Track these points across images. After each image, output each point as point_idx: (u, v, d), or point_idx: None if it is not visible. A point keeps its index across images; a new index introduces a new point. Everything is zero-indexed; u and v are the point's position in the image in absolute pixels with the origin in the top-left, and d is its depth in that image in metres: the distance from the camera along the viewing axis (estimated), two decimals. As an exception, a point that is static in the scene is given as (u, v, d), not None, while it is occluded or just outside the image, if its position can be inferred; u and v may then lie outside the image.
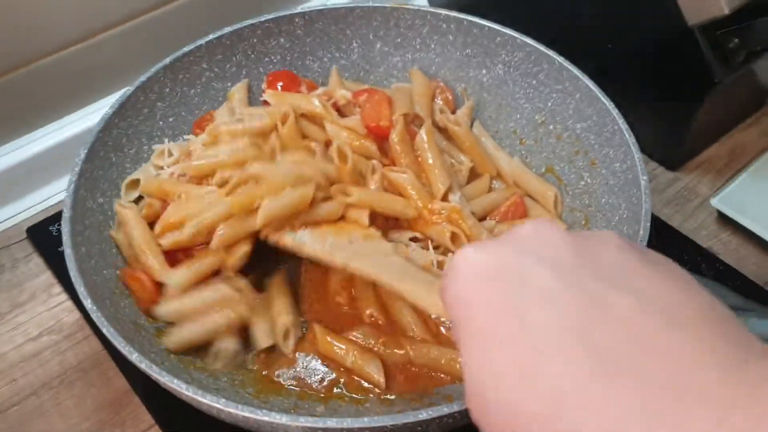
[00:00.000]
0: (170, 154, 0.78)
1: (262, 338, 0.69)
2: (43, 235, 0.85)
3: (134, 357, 0.58)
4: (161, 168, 0.77)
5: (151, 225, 0.73)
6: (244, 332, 0.70)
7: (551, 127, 0.84)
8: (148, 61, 0.87)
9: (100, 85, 0.92)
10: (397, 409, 0.66)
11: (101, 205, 0.74)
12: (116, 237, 0.73)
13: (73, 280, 0.63)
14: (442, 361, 0.69)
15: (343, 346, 0.69)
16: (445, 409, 0.54)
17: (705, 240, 0.86)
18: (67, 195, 0.69)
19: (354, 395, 0.69)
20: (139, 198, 0.77)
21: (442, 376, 0.69)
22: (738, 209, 0.86)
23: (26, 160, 0.87)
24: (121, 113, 0.77)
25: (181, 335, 0.68)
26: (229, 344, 0.69)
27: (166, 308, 0.68)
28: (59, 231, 0.83)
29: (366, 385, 0.69)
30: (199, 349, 0.69)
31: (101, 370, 0.75)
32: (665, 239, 0.85)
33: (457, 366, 0.67)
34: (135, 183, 0.77)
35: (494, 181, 0.85)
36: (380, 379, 0.67)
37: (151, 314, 0.69)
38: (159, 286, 0.70)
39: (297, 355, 0.70)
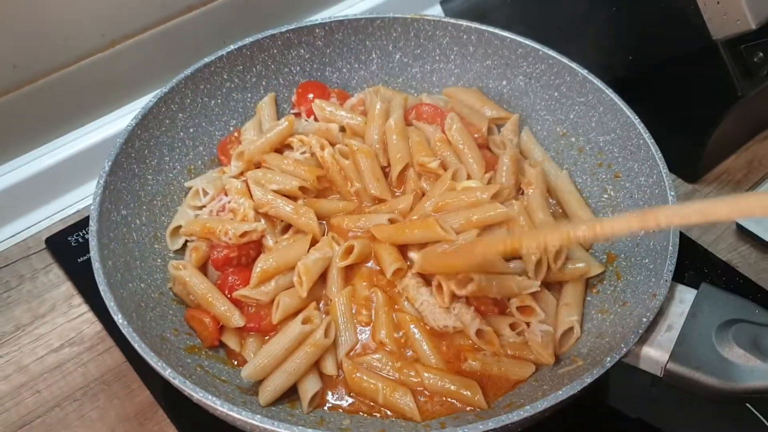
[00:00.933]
0: (205, 193, 0.78)
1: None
2: (62, 246, 0.85)
3: (167, 373, 0.58)
4: (198, 208, 0.78)
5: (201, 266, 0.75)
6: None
7: (573, 139, 0.84)
8: (166, 71, 0.88)
9: (118, 96, 0.91)
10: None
11: (125, 217, 0.73)
12: (175, 290, 0.74)
13: (102, 295, 0.63)
14: (454, 389, 0.68)
15: (374, 382, 0.68)
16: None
17: (724, 253, 0.87)
18: (92, 208, 0.69)
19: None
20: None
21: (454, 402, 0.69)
22: (757, 222, 0.86)
23: (44, 170, 0.87)
24: (144, 125, 0.77)
25: (274, 390, 0.67)
26: (313, 382, 0.68)
27: (250, 371, 0.67)
28: (78, 241, 0.84)
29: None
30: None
31: (124, 382, 0.75)
32: (685, 252, 0.85)
33: (469, 395, 0.67)
34: (176, 229, 0.77)
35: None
36: (415, 413, 0.67)
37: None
38: (221, 327, 0.71)
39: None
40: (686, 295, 0.66)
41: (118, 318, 0.61)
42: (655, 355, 0.63)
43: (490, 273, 0.70)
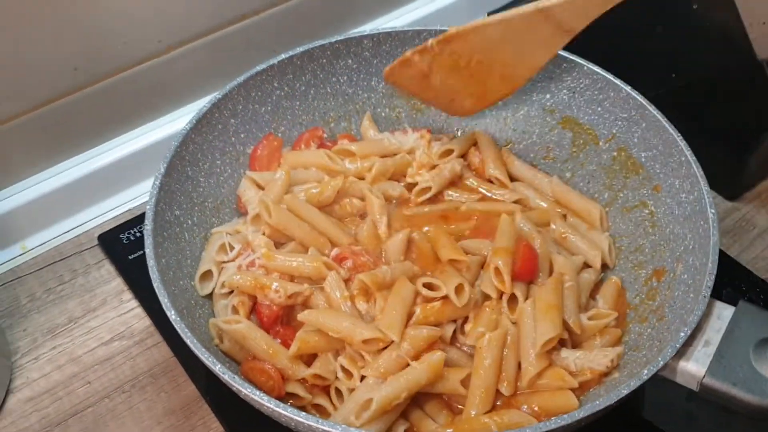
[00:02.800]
0: (231, 248, 0.77)
1: None
2: (114, 243, 0.88)
3: (218, 368, 0.60)
4: (223, 262, 0.76)
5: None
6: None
7: (614, 154, 0.85)
8: (219, 77, 0.91)
9: (172, 100, 0.94)
10: None
11: (177, 217, 0.76)
12: (223, 348, 0.71)
13: (156, 291, 0.65)
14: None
15: None
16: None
17: (763, 271, 0.87)
18: (148, 208, 0.71)
19: None
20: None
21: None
22: (797, 241, 0.86)
23: (99, 170, 0.90)
24: (198, 129, 0.79)
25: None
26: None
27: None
28: (129, 239, 0.87)
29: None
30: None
31: (171, 376, 0.77)
32: (723, 269, 0.85)
33: None
34: (207, 274, 0.76)
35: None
36: None
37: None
38: (284, 378, 0.69)
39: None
40: (724, 311, 0.67)
41: (171, 314, 0.64)
42: (692, 369, 0.64)
43: None
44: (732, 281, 0.85)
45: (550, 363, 0.70)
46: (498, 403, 0.70)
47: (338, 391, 0.70)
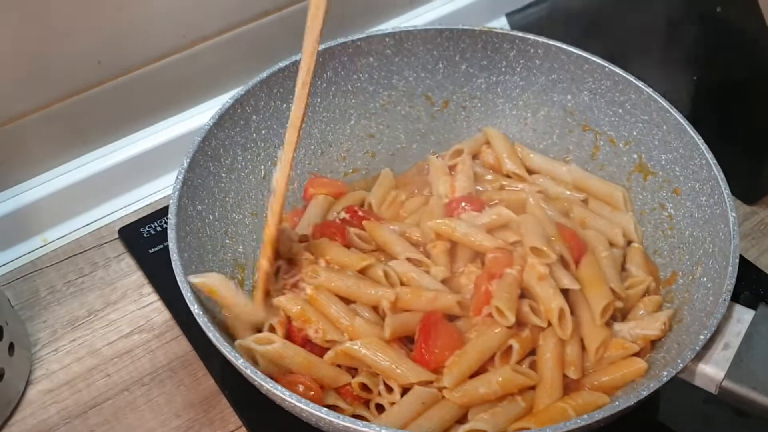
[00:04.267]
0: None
1: None
2: (135, 237, 0.89)
3: (240, 362, 0.61)
4: None
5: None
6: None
7: (635, 156, 0.85)
8: (241, 73, 0.91)
9: (194, 95, 0.95)
10: None
11: (200, 212, 0.76)
12: (262, 368, 0.69)
13: (180, 285, 0.66)
14: None
15: None
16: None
17: (781, 275, 0.87)
18: (171, 202, 0.72)
19: None
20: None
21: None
22: (816, 246, 0.86)
23: (120, 163, 0.91)
24: (220, 124, 0.80)
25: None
26: None
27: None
28: (150, 233, 0.88)
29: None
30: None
31: (190, 370, 0.78)
32: (741, 272, 0.85)
33: None
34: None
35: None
36: None
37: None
38: (323, 387, 0.69)
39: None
40: (744, 315, 0.67)
41: (194, 308, 0.64)
42: (711, 372, 0.64)
43: None
44: (750, 285, 0.85)
45: (611, 334, 0.72)
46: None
47: (378, 406, 0.70)
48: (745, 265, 0.87)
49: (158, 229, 0.88)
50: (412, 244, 0.80)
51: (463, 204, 0.82)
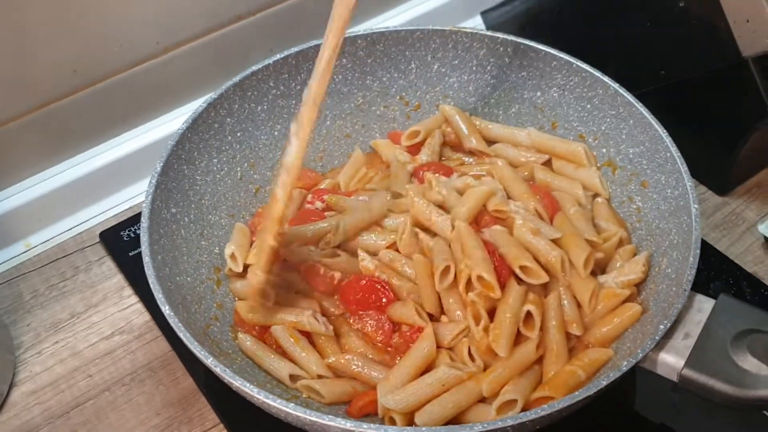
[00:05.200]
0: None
1: None
2: (115, 240, 0.90)
3: (210, 361, 0.62)
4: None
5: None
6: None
7: (603, 150, 0.87)
8: (216, 77, 0.93)
9: (170, 100, 0.96)
10: None
11: (174, 215, 0.78)
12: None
13: (151, 287, 0.67)
14: None
15: None
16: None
17: (751, 265, 0.88)
18: (144, 205, 0.73)
19: None
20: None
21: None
22: (785, 235, 0.87)
23: (99, 169, 0.92)
24: (194, 128, 0.81)
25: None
26: None
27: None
28: (130, 236, 0.90)
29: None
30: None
31: (169, 369, 0.80)
32: (711, 263, 0.87)
33: None
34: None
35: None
36: None
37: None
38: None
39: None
40: (705, 304, 0.68)
41: (166, 309, 0.66)
42: (672, 361, 0.65)
43: None
44: (720, 275, 0.86)
45: (599, 285, 0.75)
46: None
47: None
48: (715, 255, 0.89)
49: (138, 232, 0.87)
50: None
51: (432, 170, 0.85)
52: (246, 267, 0.79)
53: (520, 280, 0.74)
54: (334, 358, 0.73)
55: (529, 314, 0.72)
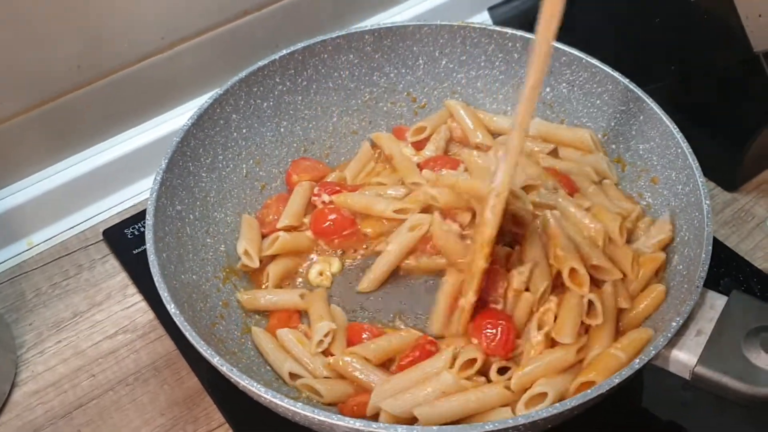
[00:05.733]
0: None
1: None
2: (119, 238, 0.89)
3: (216, 360, 0.62)
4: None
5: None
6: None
7: (613, 146, 0.86)
8: (221, 73, 0.92)
9: (174, 96, 0.95)
10: None
11: (179, 212, 0.77)
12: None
13: (156, 285, 0.66)
14: None
15: None
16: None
17: (761, 261, 0.87)
18: (149, 203, 0.73)
19: None
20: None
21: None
22: (796, 232, 0.86)
23: (103, 166, 0.91)
24: (199, 124, 0.80)
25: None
26: None
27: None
28: (134, 234, 0.89)
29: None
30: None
31: (174, 369, 0.79)
32: (721, 259, 0.86)
33: None
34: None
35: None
36: None
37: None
38: None
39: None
40: (717, 301, 0.67)
41: (171, 307, 0.65)
42: (684, 358, 0.64)
43: None
44: (730, 271, 0.85)
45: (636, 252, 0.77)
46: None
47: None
48: (725, 251, 0.88)
49: (141, 230, 0.89)
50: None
51: (439, 164, 0.85)
52: (262, 261, 0.80)
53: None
54: (334, 358, 0.72)
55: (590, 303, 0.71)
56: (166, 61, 0.92)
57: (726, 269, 0.85)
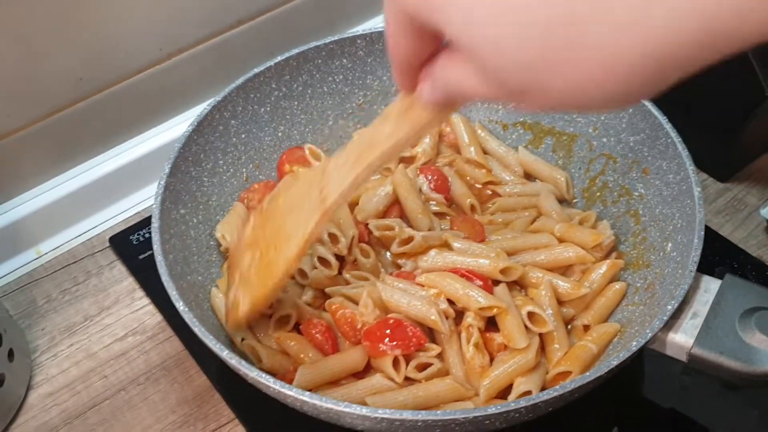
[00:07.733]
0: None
1: None
2: (125, 244, 0.91)
3: (225, 354, 0.63)
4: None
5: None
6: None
7: (605, 139, 0.88)
8: (219, 81, 0.94)
9: (174, 105, 0.98)
10: None
11: (183, 215, 0.79)
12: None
13: (165, 285, 0.68)
14: None
15: None
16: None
17: (754, 249, 0.89)
18: (154, 207, 0.74)
19: None
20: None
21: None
22: (787, 219, 0.88)
23: (107, 175, 0.93)
24: (199, 130, 0.82)
25: None
26: None
27: None
28: (139, 240, 0.91)
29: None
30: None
31: (183, 368, 0.81)
32: (715, 247, 0.88)
33: None
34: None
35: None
36: None
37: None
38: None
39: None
40: (711, 284, 0.69)
41: (180, 305, 0.67)
42: (680, 340, 0.66)
43: None
44: (723, 259, 0.87)
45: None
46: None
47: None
48: (719, 240, 0.90)
49: (146, 235, 0.91)
50: None
51: (429, 173, 0.88)
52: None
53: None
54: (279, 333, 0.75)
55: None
56: (164, 72, 0.94)
57: (720, 257, 0.87)
